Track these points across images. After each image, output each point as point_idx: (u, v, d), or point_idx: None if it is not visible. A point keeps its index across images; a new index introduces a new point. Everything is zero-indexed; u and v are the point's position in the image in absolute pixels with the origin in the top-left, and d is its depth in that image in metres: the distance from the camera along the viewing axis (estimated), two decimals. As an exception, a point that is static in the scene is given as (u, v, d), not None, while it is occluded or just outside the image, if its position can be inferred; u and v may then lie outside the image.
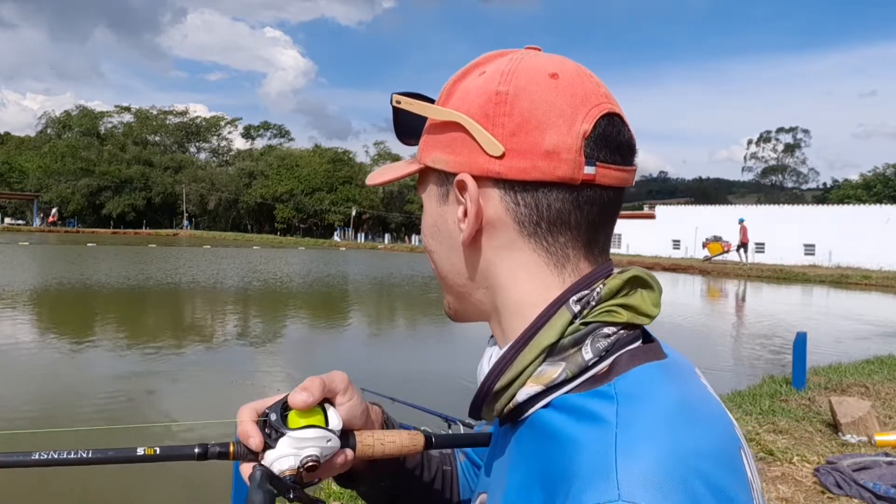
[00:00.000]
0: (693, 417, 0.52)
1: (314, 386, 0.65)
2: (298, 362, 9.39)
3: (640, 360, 0.56)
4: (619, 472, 0.46)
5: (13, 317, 11.92)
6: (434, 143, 0.62)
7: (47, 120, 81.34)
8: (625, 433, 0.49)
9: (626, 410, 0.51)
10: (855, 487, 3.81)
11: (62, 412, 6.37)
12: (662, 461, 0.47)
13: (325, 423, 0.62)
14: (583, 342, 0.55)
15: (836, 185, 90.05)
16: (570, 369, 0.55)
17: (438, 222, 0.64)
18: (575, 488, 0.47)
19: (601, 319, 0.56)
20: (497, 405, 0.58)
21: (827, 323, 14.83)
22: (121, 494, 4.55)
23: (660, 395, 0.53)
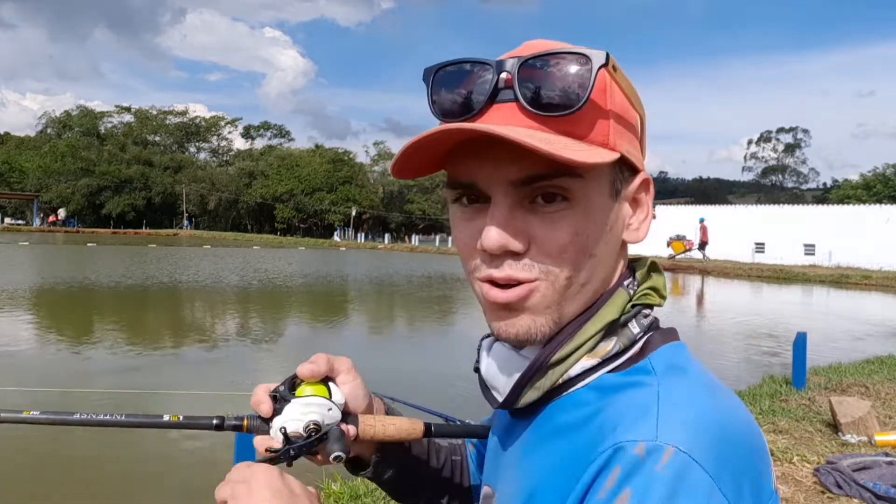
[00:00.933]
0: (726, 395, 0.55)
1: (320, 360, 0.71)
2: (298, 362, 9.38)
3: (668, 339, 0.60)
4: (661, 416, 0.48)
5: (13, 317, 11.92)
6: (622, 133, 0.58)
7: (47, 120, 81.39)
8: (667, 389, 0.52)
9: (667, 376, 0.54)
10: (855, 487, 3.81)
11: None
12: (703, 413, 0.49)
13: (329, 397, 0.67)
14: (630, 321, 0.60)
15: (836, 185, 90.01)
16: (622, 342, 0.58)
17: (611, 221, 0.59)
18: (615, 431, 0.49)
19: (643, 301, 0.61)
20: (544, 380, 0.58)
21: (827, 323, 14.83)
22: (122, 487, 4.55)
23: (694, 370, 0.56)
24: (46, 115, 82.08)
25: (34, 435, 5.32)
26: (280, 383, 0.69)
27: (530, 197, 0.56)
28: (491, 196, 0.56)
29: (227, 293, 17.70)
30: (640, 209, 0.61)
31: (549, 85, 0.54)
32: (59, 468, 4.86)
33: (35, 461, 4.94)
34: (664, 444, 0.46)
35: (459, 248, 0.61)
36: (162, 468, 5.00)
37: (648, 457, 0.46)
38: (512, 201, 0.56)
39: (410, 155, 0.57)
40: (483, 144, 0.54)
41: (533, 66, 0.54)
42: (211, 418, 0.69)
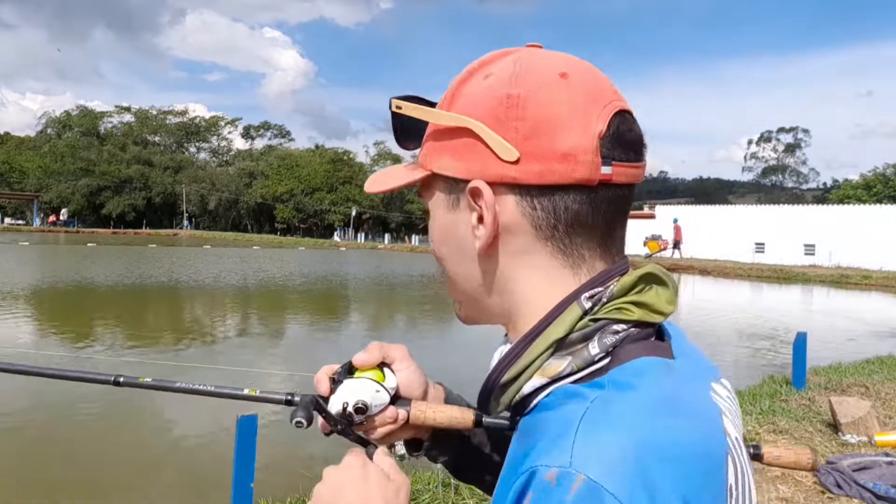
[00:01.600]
0: (674, 415, 0.50)
1: (373, 348, 0.76)
2: (299, 362, 9.39)
3: (639, 354, 0.55)
4: (577, 439, 0.47)
5: (13, 316, 11.93)
6: (440, 148, 0.60)
7: (47, 120, 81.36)
8: (596, 410, 0.49)
9: (608, 394, 0.51)
10: (855, 487, 3.81)
11: (62, 411, 6.38)
12: (623, 443, 0.46)
13: (382, 381, 0.73)
14: (591, 338, 0.56)
15: (836, 185, 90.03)
16: (576, 363, 0.55)
17: (449, 229, 0.63)
18: (535, 451, 0.48)
19: (611, 317, 0.56)
20: (504, 398, 0.59)
21: (827, 323, 14.83)
22: (126, 481, 4.56)
23: (648, 386, 0.52)
24: (46, 116, 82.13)
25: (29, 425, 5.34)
26: (340, 366, 0.77)
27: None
28: None
29: (227, 293, 17.71)
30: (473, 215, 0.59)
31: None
32: (59, 456, 4.86)
33: (33, 448, 4.95)
34: (574, 472, 0.44)
35: None
36: (164, 456, 5.01)
37: (558, 485, 0.45)
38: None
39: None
40: None
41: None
42: (283, 394, 0.78)
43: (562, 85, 0.56)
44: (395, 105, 0.63)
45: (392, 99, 0.63)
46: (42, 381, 7.49)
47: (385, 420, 0.74)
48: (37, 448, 5.22)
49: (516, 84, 0.56)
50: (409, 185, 0.64)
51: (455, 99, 0.60)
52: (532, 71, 0.57)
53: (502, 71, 0.58)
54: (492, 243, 0.59)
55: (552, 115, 0.55)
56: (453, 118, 0.58)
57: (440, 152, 0.60)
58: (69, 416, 6.28)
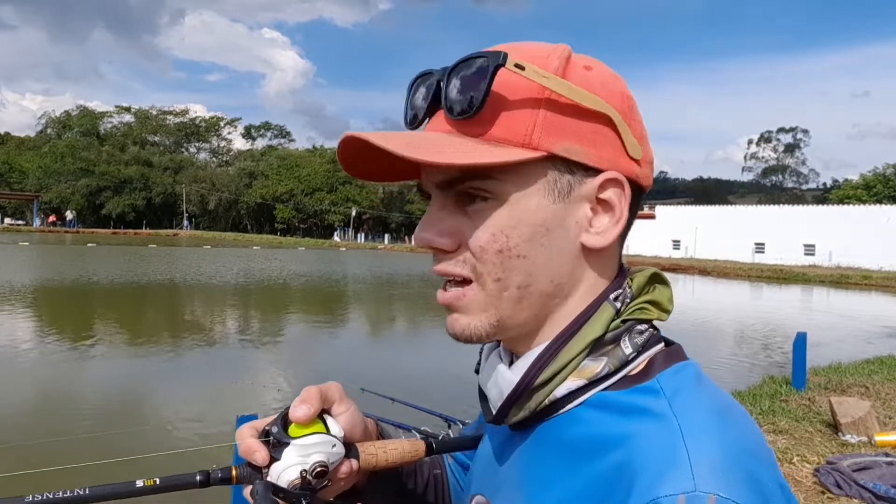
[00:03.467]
0: (738, 415, 0.52)
1: (312, 396, 0.63)
2: (298, 362, 9.39)
3: (675, 359, 0.56)
4: (693, 461, 0.45)
5: (13, 315, 11.93)
6: (564, 129, 0.54)
7: (47, 120, 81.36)
8: (688, 425, 0.48)
9: (680, 405, 0.51)
10: (855, 487, 3.81)
11: (63, 413, 6.37)
12: (730, 448, 0.47)
13: (327, 431, 0.62)
14: (621, 338, 0.56)
15: (836, 185, 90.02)
16: (612, 363, 0.55)
17: (550, 222, 0.55)
18: (643, 480, 0.46)
19: (636, 317, 0.57)
20: (531, 402, 0.57)
21: (827, 323, 14.84)
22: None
23: (703, 391, 0.53)
24: (46, 116, 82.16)
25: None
26: (267, 423, 0.63)
27: (455, 198, 0.57)
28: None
29: (227, 293, 17.70)
30: (609, 211, 0.56)
31: (458, 90, 0.55)
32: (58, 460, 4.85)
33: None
34: (703, 494, 0.43)
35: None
36: (164, 456, 5.00)
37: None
38: (441, 202, 0.58)
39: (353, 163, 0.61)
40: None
41: (456, 71, 0.55)
42: (194, 474, 0.60)
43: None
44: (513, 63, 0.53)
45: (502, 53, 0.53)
46: (41, 381, 7.49)
47: (339, 479, 0.64)
48: (35, 455, 5.22)
49: (623, 85, 0.58)
50: (502, 164, 0.53)
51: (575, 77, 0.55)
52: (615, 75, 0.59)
53: (598, 67, 0.57)
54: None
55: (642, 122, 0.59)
56: (598, 103, 0.55)
57: (561, 134, 0.54)
58: (68, 416, 6.28)
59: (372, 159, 0.58)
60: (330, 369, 8.36)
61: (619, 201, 0.55)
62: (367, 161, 0.59)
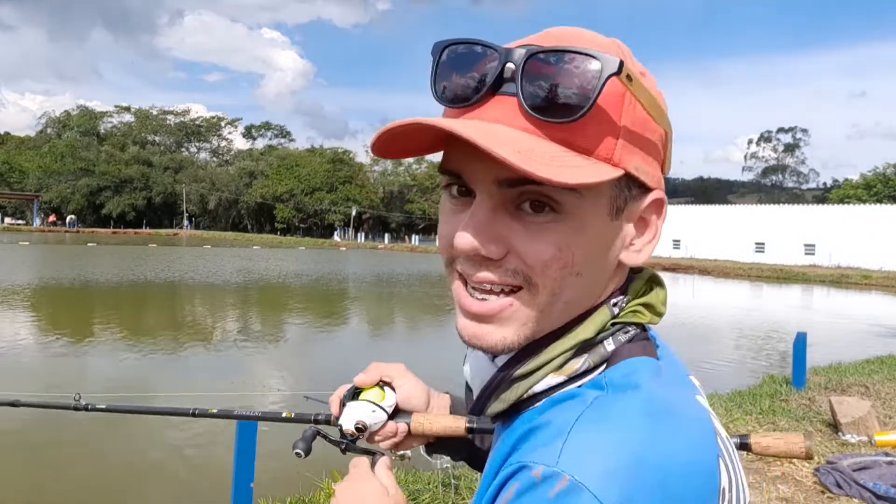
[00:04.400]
0: (668, 418, 0.49)
1: (372, 369, 0.84)
2: (298, 362, 9.39)
3: (636, 353, 0.55)
4: (568, 441, 0.46)
5: (13, 314, 11.93)
6: (633, 149, 0.52)
7: (47, 120, 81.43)
8: (592, 413, 0.48)
9: (607, 397, 0.50)
10: (855, 487, 3.81)
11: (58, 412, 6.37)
12: (618, 443, 0.46)
13: (383, 399, 0.83)
14: (606, 339, 0.56)
15: (836, 185, 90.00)
16: (592, 359, 0.55)
17: (608, 241, 0.54)
18: (526, 447, 0.49)
19: (628, 320, 0.56)
20: (509, 394, 0.56)
21: (827, 323, 14.84)
22: (127, 482, 4.56)
23: (644, 389, 0.51)
24: (46, 116, 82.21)
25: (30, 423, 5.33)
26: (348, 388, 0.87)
27: (517, 202, 0.51)
28: (476, 192, 0.52)
29: (227, 293, 17.70)
30: (647, 230, 0.56)
31: (553, 86, 0.49)
32: (58, 458, 4.86)
33: (32, 450, 4.95)
34: (560, 472, 0.44)
35: (439, 239, 0.57)
36: (165, 456, 5.01)
37: (543, 482, 0.44)
38: (496, 203, 0.52)
39: (388, 141, 0.53)
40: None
41: (541, 60, 0.49)
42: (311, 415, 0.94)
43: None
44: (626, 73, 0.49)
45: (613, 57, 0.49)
46: (42, 381, 7.50)
47: (387, 434, 0.82)
48: (34, 452, 5.22)
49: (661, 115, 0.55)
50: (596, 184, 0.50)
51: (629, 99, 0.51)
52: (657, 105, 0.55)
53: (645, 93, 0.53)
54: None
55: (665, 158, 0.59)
56: (663, 116, 0.53)
57: (632, 151, 0.52)
58: (66, 416, 6.28)
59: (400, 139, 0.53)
60: (330, 368, 8.36)
61: (657, 221, 0.55)
62: (396, 141, 0.54)
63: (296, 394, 6.64)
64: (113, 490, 4.55)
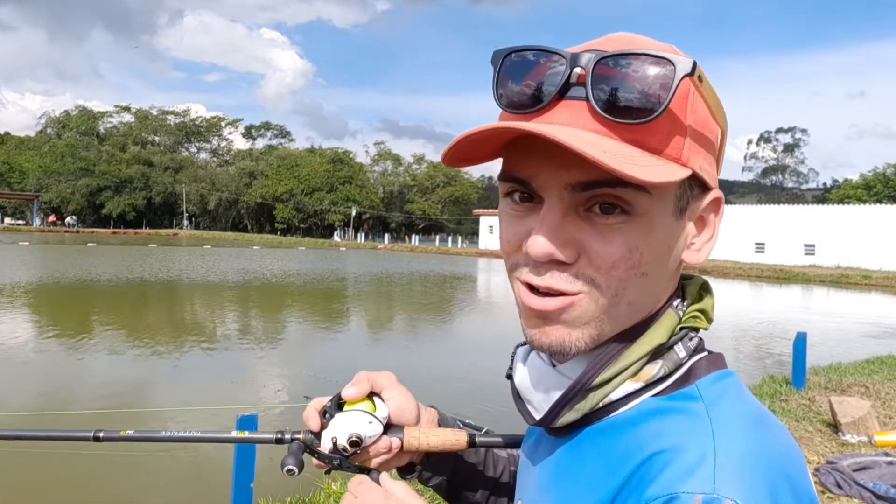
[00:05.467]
0: (772, 424, 0.52)
1: (361, 380, 0.74)
2: (298, 362, 9.39)
3: (716, 367, 0.56)
4: (718, 465, 0.46)
5: (14, 313, 11.93)
6: (698, 148, 0.53)
7: (47, 120, 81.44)
8: (721, 430, 0.49)
9: (716, 410, 0.51)
10: (855, 487, 3.81)
11: (60, 412, 6.37)
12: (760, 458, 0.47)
13: (374, 411, 0.73)
14: (676, 344, 0.56)
15: (836, 185, 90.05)
16: (667, 366, 0.55)
17: (672, 240, 0.54)
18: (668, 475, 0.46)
19: (690, 325, 0.57)
20: (584, 403, 0.55)
21: (827, 323, 14.84)
22: (127, 481, 4.56)
23: (741, 399, 0.53)
24: (46, 116, 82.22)
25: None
26: (329, 399, 0.75)
27: (586, 204, 0.52)
28: (544, 197, 0.52)
29: (228, 293, 17.70)
30: (705, 229, 0.57)
31: (626, 88, 0.49)
32: (58, 461, 4.86)
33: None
34: (721, 498, 0.43)
35: (503, 245, 0.57)
36: (164, 456, 5.01)
37: None
38: (566, 206, 0.52)
39: (463, 147, 0.53)
40: (544, 141, 0.49)
41: (610, 64, 0.50)
42: (273, 434, 0.78)
43: None
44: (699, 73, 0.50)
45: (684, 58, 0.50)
46: (43, 382, 7.50)
47: (379, 450, 0.73)
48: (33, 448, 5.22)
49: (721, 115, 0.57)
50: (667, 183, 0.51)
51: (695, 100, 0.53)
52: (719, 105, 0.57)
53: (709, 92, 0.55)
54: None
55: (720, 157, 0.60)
56: (723, 115, 0.55)
57: (697, 150, 0.53)
58: (64, 413, 6.28)
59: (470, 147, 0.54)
60: (330, 370, 8.35)
61: (715, 220, 0.56)
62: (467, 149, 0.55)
63: (296, 395, 6.65)
64: (113, 489, 4.55)
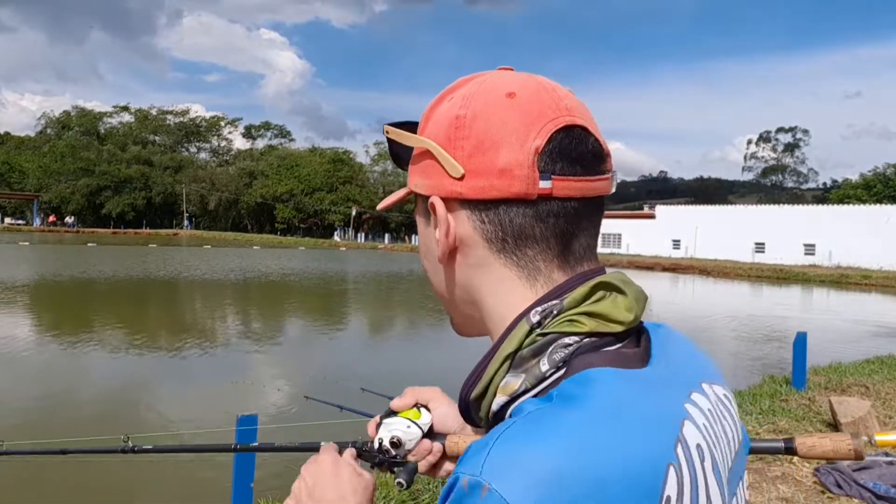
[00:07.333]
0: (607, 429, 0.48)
1: (408, 393, 0.87)
2: (298, 362, 9.39)
3: (590, 364, 0.54)
4: (491, 451, 0.47)
5: (14, 313, 11.93)
6: (414, 168, 0.64)
7: (46, 120, 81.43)
8: (521, 424, 0.49)
9: (546, 408, 0.50)
10: (855, 487, 3.81)
11: (59, 412, 6.37)
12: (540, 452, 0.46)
13: (418, 418, 0.85)
14: (542, 353, 0.56)
15: (836, 185, 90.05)
16: (529, 381, 0.55)
17: (427, 242, 0.66)
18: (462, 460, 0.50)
19: (561, 329, 0.56)
20: (480, 412, 0.60)
21: (827, 323, 14.84)
22: (127, 480, 4.56)
23: (591, 398, 0.50)
24: (45, 116, 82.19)
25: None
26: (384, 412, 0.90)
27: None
28: None
29: (228, 293, 17.69)
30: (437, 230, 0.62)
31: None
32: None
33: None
34: (483, 481, 0.46)
35: None
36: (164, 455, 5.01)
37: (471, 491, 0.47)
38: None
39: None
40: None
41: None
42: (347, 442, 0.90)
43: (506, 104, 0.58)
44: (385, 130, 0.67)
45: (385, 125, 0.66)
46: (43, 382, 7.50)
47: (422, 452, 0.83)
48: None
49: (465, 105, 0.60)
50: (397, 202, 0.70)
51: (426, 122, 0.63)
52: (482, 92, 0.60)
53: (460, 94, 0.61)
54: (451, 255, 0.62)
55: (491, 133, 0.57)
56: (416, 140, 0.63)
57: (414, 172, 0.65)
58: (66, 414, 6.28)
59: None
60: (330, 369, 8.35)
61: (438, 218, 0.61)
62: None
63: (296, 395, 6.64)
64: (112, 487, 4.55)
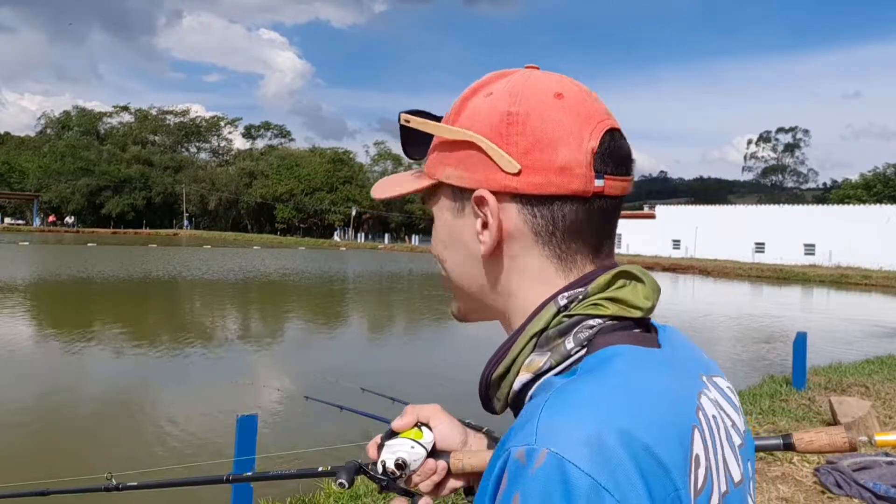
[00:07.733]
0: (636, 393, 0.54)
1: (408, 412, 0.85)
2: (298, 362, 9.39)
3: (612, 342, 0.59)
4: (540, 419, 0.51)
5: (14, 313, 11.93)
6: (445, 159, 0.65)
7: (46, 120, 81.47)
8: (559, 394, 0.54)
9: (574, 382, 0.55)
10: (855, 487, 3.81)
11: (59, 412, 6.37)
12: (585, 413, 0.51)
13: (420, 438, 0.83)
14: (568, 333, 0.60)
15: (835, 185, 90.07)
16: (555, 358, 0.60)
17: (453, 233, 0.67)
18: (510, 436, 0.53)
19: (586, 312, 0.60)
20: (500, 393, 0.64)
21: (827, 323, 14.84)
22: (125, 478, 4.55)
23: (614, 369, 0.56)
24: (45, 116, 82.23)
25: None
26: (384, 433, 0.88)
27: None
28: None
29: (228, 294, 17.69)
30: (478, 221, 0.64)
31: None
32: (54, 452, 4.86)
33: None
34: (538, 448, 0.49)
35: None
36: (164, 455, 5.01)
37: (528, 460, 0.49)
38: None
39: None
40: None
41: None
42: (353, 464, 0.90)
43: (557, 105, 0.62)
44: (403, 119, 0.68)
45: (401, 113, 0.67)
46: (43, 382, 7.50)
47: (426, 472, 0.81)
48: (34, 443, 5.22)
49: (516, 103, 0.62)
50: (415, 192, 0.69)
51: (459, 114, 0.65)
52: (530, 91, 0.63)
53: (503, 90, 0.63)
54: (496, 247, 0.64)
55: (549, 132, 0.61)
56: (459, 132, 0.64)
57: (445, 163, 0.65)
58: (66, 411, 6.28)
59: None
60: (330, 369, 8.35)
61: (487, 214, 0.62)
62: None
63: (296, 395, 6.64)
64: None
